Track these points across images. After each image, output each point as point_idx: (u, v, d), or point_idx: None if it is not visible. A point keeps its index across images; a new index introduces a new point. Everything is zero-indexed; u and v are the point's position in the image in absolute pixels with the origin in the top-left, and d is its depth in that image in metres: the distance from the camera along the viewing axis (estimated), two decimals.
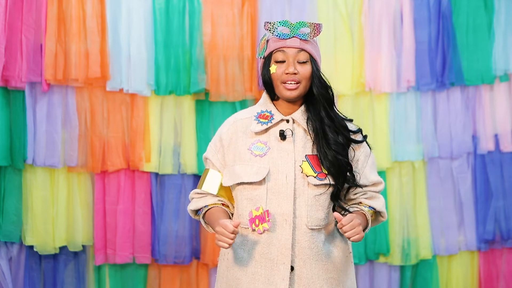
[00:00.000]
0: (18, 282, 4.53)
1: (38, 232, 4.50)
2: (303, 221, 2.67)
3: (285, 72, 2.69)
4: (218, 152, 2.78)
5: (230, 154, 2.75)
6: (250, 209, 2.66)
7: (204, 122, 4.65)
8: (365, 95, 4.75)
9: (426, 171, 4.80)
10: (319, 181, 2.67)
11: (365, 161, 2.76)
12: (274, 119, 2.73)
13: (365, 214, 2.74)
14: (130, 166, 4.59)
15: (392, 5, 4.72)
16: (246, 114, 2.81)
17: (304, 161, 2.68)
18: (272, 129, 2.73)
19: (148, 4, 4.58)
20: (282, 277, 2.64)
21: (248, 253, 2.68)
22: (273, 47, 2.72)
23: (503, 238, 4.84)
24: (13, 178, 4.51)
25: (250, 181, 2.67)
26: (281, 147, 2.70)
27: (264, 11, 4.66)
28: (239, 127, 2.77)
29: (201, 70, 4.60)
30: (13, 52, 4.42)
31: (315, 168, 2.68)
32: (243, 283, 2.69)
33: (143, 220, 4.61)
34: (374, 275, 4.79)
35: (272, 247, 2.66)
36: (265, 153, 2.70)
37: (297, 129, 2.73)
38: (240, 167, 2.71)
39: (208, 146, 2.83)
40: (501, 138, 4.83)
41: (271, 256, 2.66)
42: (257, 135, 2.73)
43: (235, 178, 2.71)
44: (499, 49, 4.79)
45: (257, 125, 2.73)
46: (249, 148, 2.72)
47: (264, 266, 2.66)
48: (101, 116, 4.57)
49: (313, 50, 2.73)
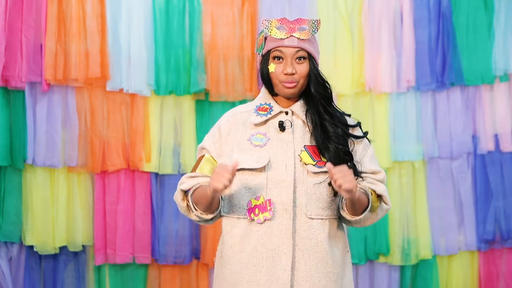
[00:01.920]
0: (18, 282, 4.53)
1: (38, 232, 4.50)
2: (303, 210, 2.65)
3: (283, 72, 2.68)
4: (216, 142, 2.76)
5: (228, 144, 2.73)
6: (249, 198, 2.65)
7: (204, 122, 4.65)
8: (365, 95, 4.75)
9: (426, 171, 4.80)
10: (318, 168, 2.65)
11: (363, 153, 2.75)
12: (273, 111, 2.73)
13: (365, 191, 2.69)
14: (130, 166, 4.59)
15: (392, 5, 4.72)
16: (245, 108, 2.81)
17: (302, 150, 2.68)
18: (271, 121, 2.73)
19: (148, 4, 4.58)
20: (284, 268, 2.62)
21: (248, 245, 2.65)
22: (271, 46, 2.71)
23: (503, 238, 4.83)
24: (13, 178, 4.51)
25: (250, 167, 2.65)
26: (280, 138, 2.70)
27: (264, 11, 4.66)
28: (239, 119, 2.76)
29: (201, 70, 4.60)
30: (13, 52, 4.42)
31: (314, 157, 2.67)
32: (244, 276, 2.65)
33: (143, 220, 4.61)
34: (374, 275, 4.79)
35: (273, 237, 2.63)
36: (264, 143, 2.69)
37: (296, 120, 2.73)
38: (239, 155, 2.68)
39: (205, 136, 2.80)
40: (501, 138, 4.83)
41: (272, 246, 2.63)
42: (257, 126, 2.73)
43: None
44: (499, 49, 4.79)
45: (257, 117, 2.73)
46: (248, 139, 2.71)
47: (266, 256, 2.63)
48: (101, 116, 4.56)
49: (311, 48, 2.71)
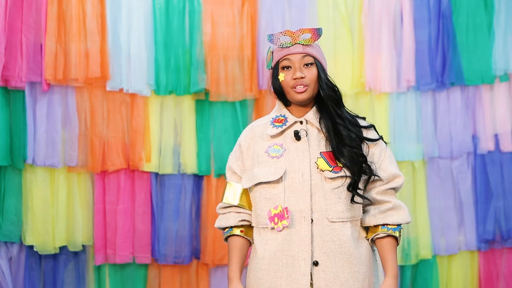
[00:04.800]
0: (18, 282, 4.53)
1: (38, 232, 4.50)
2: (323, 215, 2.76)
3: (293, 78, 2.82)
4: (238, 159, 2.93)
5: (249, 159, 2.90)
6: (269, 208, 2.77)
7: (204, 122, 4.65)
8: (365, 95, 4.75)
9: (426, 171, 4.80)
10: (334, 174, 2.77)
11: (382, 154, 2.85)
12: (288, 121, 2.87)
13: (394, 236, 2.81)
14: (130, 166, 4.59)
15: (392, 5, 4.72)
16: (263, 121, 2.96)
17: (319, 157, 2.80)
18: (287, 131, 2.87)
19: (148, 4, 4.58)
20: (303, 273, 2.72)
21: (269, 252, 2.78)
22: (278, 56, 2.87)
23: (503, 238, 4.83)
24: (13, 178, 4.51)
25: (267, 180, 2.80)
26: (296, 147, 2.83)
27: (264, 11, 4.66)
28: (256, 133, 2.92)
29: (201, 70, 4.60)
30: (13, 52, 4.42)
31: (330, 163, 2.79)
32: (265, 282, 2.78)
33: (143, 220, 4.61)
34: None
35: (292, 244, 2.75)
36: (281, 154, 2.83)
37: (310, 129, 2.86)
38: (258, 169, 2.84)
39: (229, 156, 2.98)
40: (501, 138, 4.83)
41: (291, 253, 2.74)
42: (273, 138, 2.88)
43: (253, 179, 2.84)
44: (499, 49, 4.79)
45: (273, 129, 2.88)
46: (266, 151, 2.86)
47: (285, 263, 2.75)
48: (101, 116, 4.57)
49: (316, 53, 2.86)
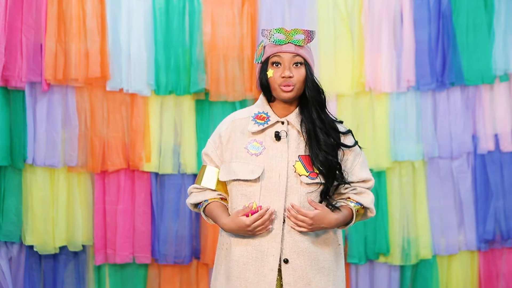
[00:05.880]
0: (18, 282, 4.53)
1: (38, 232, 4.50)
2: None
3: (281, 76, 2.89)
4: (217, 148, 2.98)
5: (228, 152, 2.95)
6: (244, 204, 2.88)
7: (204, 122, 4.66)
8: (365, 95, 4.75)
9: (426, 171, 4.80)
10: (311, 180, 2.87)
11: (355, 160, 2.96)
12: (270, 120, 2.94)
13: (351, 208, 2.92)
14: (130, 166, 4.59)
15: (392, 5, 4.72)
16: (244, 114, 3.00)
17: (297, 161, 2.89)
18: (268, 130, 2.93)
19: (148, 4, 4.58)
20: (271, 268, 2.84)
21: (241, 245, 2.88)
22: (270, 52, 2.93)
23: (503, 238, 4.84)
24: (13, 178, 4.51)
25: (245, 178, 2.88)
26: (276, 147, 2.90)
27: (264, 11, 4.66)
28: (237, 126, 2.97)
29: (201, 70, 4.60)
30: (13, 52, 4.42)
31: (307, 168, 2.88)
32: (234, 272, 2.88)
33: (143, 220, 4.61)
34: (374, 275, 4.79)
35: (263, 240, 2.86)
36: (260, 152, 2.90)
37: (291, 130, 2.93)
38: (236, 164, 2.91)
39: (207, 142, 3.03)
40: (501, 138, 4.83)
41: (261, 248, 2.86)
42: (254, 135, 2.94)
43: (232, 174, 2.91)
44: (499, 49, 4.79)
45: (254, 125, 2.94)
46: (245, 147, 2.92)
47: (255, 257, 2.86)
48: (101, 116, 4.57)
49: (307, 55, 2.93)
